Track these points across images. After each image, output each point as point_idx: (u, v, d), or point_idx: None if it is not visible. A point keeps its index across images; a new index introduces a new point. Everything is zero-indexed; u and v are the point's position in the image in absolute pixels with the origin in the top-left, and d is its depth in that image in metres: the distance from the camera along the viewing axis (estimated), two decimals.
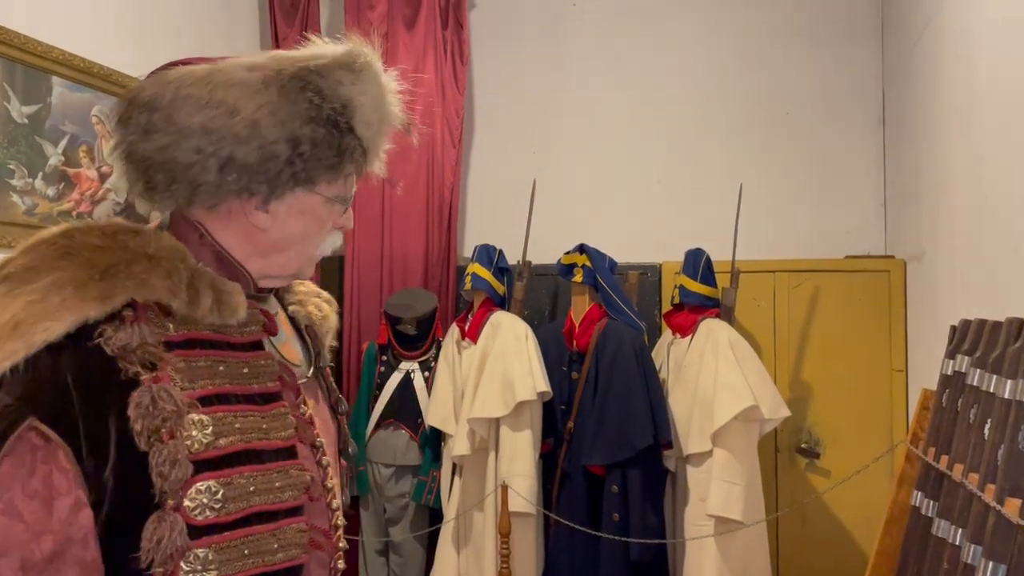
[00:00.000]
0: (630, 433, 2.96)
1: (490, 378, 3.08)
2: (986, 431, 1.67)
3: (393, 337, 3.47)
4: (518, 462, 3.01)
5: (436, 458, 3.36)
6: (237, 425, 0.97)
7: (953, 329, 2.08)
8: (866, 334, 3.48)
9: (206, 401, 0.96)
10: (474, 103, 4.11)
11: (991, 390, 1.68)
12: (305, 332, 1.22)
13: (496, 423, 3.09)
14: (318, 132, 1.00)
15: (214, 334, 1.01)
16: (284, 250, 1.08)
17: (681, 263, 3.28)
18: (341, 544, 1.15)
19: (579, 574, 3.06)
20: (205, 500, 0.92)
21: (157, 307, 0.97)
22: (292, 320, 1.21)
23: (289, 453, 1.03)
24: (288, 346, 1.15)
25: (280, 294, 1.22)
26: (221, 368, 0.99)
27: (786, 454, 3.51)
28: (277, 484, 0.99)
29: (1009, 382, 1.59)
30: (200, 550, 0.92)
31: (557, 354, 3.26)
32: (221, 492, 0.94)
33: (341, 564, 1.16)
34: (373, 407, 3.43)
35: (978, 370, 1.77)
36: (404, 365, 3.44)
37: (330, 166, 1.03)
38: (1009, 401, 1.59)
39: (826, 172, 3.80)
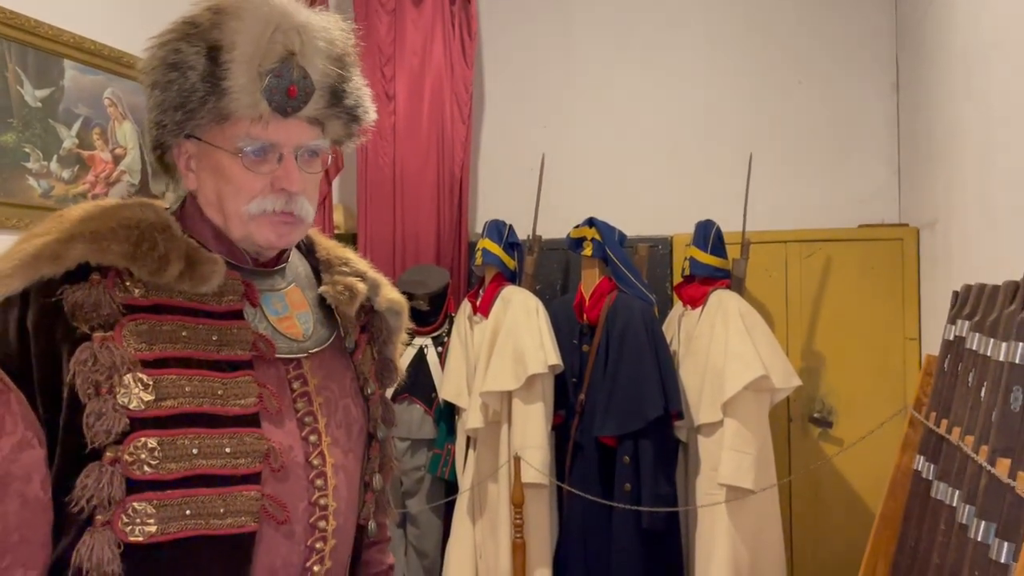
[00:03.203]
0: (641, 404, 2.98)
1: (502, 352, 3.11)
2: (982, 394, 1.67)
3: None
4: (530, 434, 3.05)
5: (450, 431, 3.40)
6: (188, 388, 1.00)
7: (955, 295, 2.07)
8: (879, 303, 3.46)
9: (160, 363, 1.00)
10: (483, 78, 4.11)
11: (987, 353, 1.68)
12: (336, 312, 1.21)
13: (508, 396, 3.12)
14: (169, 75, 1.05)
15: (188, 302, 1.05)
16: (224, 213, 1.10)
17: (691, 235, 3.27)
18: (322, 524, 1.09)
19: (592, 543, 3.10)
20: (143, 456, 0.96)
21: (128, 273, 1.02)
22: (323, 299, 1.20)
23: (249, 421, 1.04)
24: (290, 320, 1.14)
25: (321, 273, 1.23)
26: (184, 333, 1.03)
27: (799, 424, 3.51)
28: (228, 450, 1.01)
29: (1004, 344, 1.59)
30: (139, 503, 0.96)
31: (568, 327, 3.28)
32: (159, 450, 0.97)
33: (323, 545, 1.09)
34: None
35: (976, 334, 1.77)
36: (417, 340, 3.48)
37: (190, 110, 1.04)
38: (1003, 363, 1.58)
39: (839, 140, 3.75)
